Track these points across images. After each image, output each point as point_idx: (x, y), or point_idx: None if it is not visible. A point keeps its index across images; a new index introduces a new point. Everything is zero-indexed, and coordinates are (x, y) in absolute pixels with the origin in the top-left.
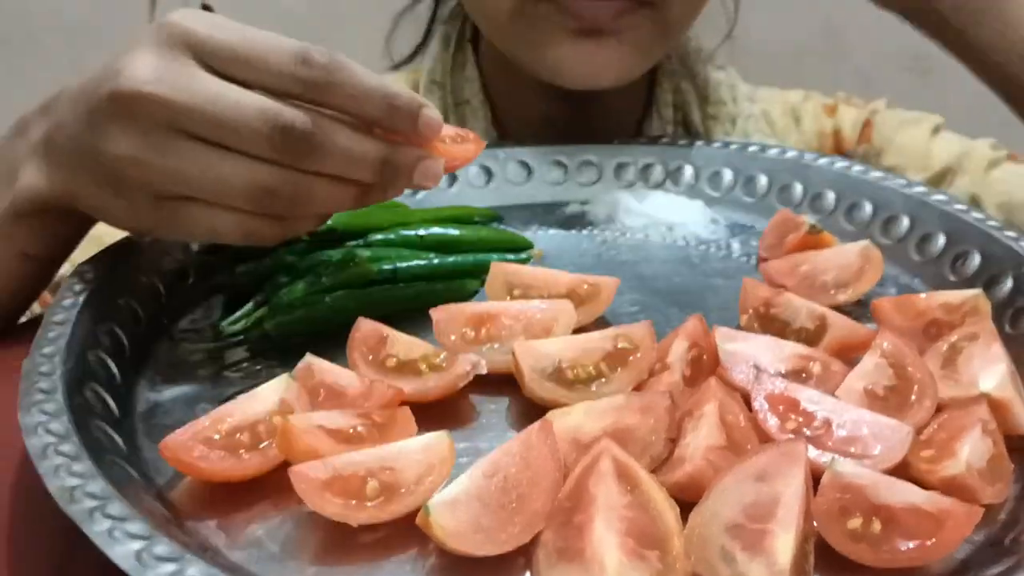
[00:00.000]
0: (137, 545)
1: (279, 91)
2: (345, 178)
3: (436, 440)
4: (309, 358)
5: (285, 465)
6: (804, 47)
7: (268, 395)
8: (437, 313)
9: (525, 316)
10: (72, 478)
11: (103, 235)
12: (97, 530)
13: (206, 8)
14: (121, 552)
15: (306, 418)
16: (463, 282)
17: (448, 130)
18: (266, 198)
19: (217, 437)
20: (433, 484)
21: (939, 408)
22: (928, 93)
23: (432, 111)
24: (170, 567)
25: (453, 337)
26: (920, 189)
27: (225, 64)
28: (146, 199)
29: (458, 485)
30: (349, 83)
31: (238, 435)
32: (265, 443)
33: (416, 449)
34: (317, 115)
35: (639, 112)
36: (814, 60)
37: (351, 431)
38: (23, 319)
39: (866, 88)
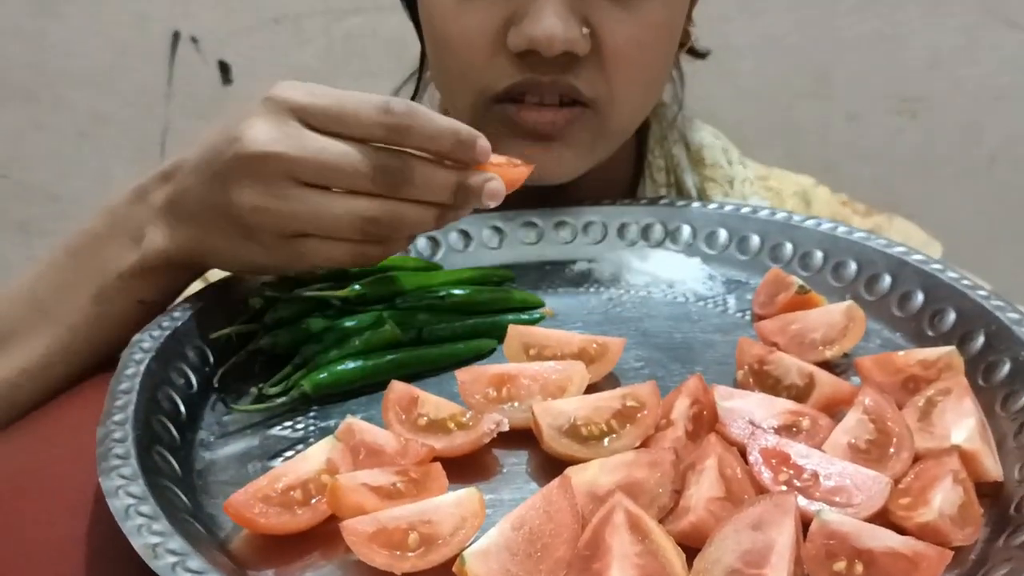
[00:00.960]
0: None
1: (370, 139)
2: (430, 202)
3: (468, 496)
4: (350, 419)
5: (332, 518)
6: (795, 91)
7: (316, 455)
8: (462, 375)
9: (542, 376)
10: (153, 536)
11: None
12: None
13: (223, 67)
14: None
15: (352, 477)
16: (482, 341)
17: (501, 159)
18: (369, 226)
19: (273, 495)
20: (467, 535)
21: (916, 458)
22: (915, 135)
23: (484, 141)
24: None
25: (477, 396)
26: (900, 249)
27: (324, 123)
28: (271, 240)
29: (489, 537)
30: (424, 125)
31: (291, 492)
32: (315, 499)
33: (451, 503)
34: (403, 154)
35: (631, 177)
36: (805, 104)
37: (391, 487)
38: None
39: (856, 130)
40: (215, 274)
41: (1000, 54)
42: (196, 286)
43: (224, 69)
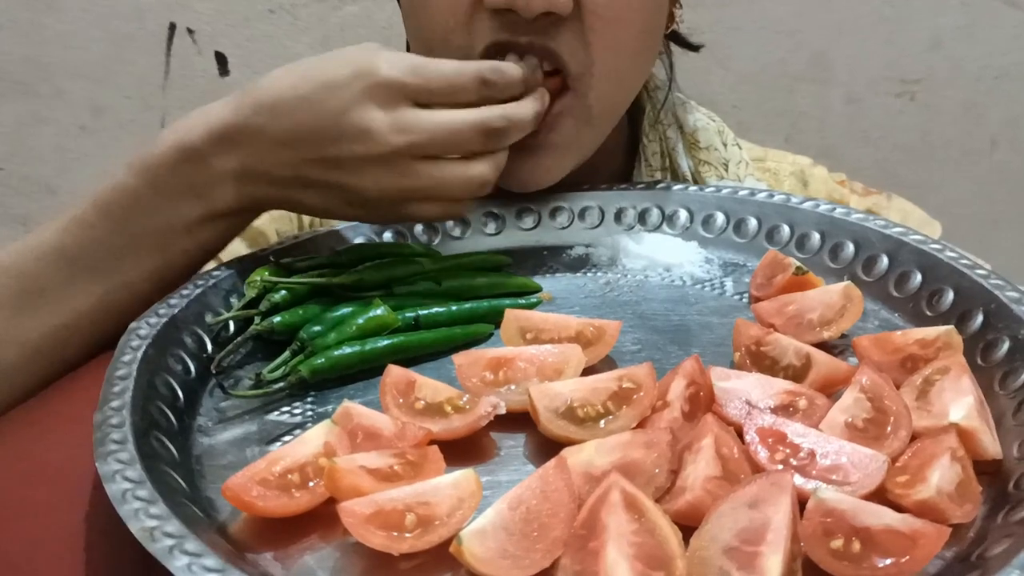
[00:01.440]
0: None
1: (461, 103)
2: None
3: (465, 477)
4: (347, 403)
5: (330, 501)
6: (795, 75)
7: (313, 439)
8: (459, 358)
9: (538, 360)
10: (151, 520)
11: (262, 228)
12: (177, 565)
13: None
14: None
15: (349, 459)
16: (479, 326)
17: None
18: (478, 188)
19: (271, 478)
20: (464, 516)
21: (913, 437)
22: (915, 117)
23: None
24: None
25: (474, 380)
26: (898, 230)
27: (431, 99)
28: (382, 207)
29: (486, 517)
30: (508, 82)
31: (289, 476)
32: (313, 482)
33: (448, 485)
34: (501, 109)
35: (626, 161)
36: (804, 87)
37: (389, 469)
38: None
39: (856, 113)
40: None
41: (1000, 34)
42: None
43: (221, 60)
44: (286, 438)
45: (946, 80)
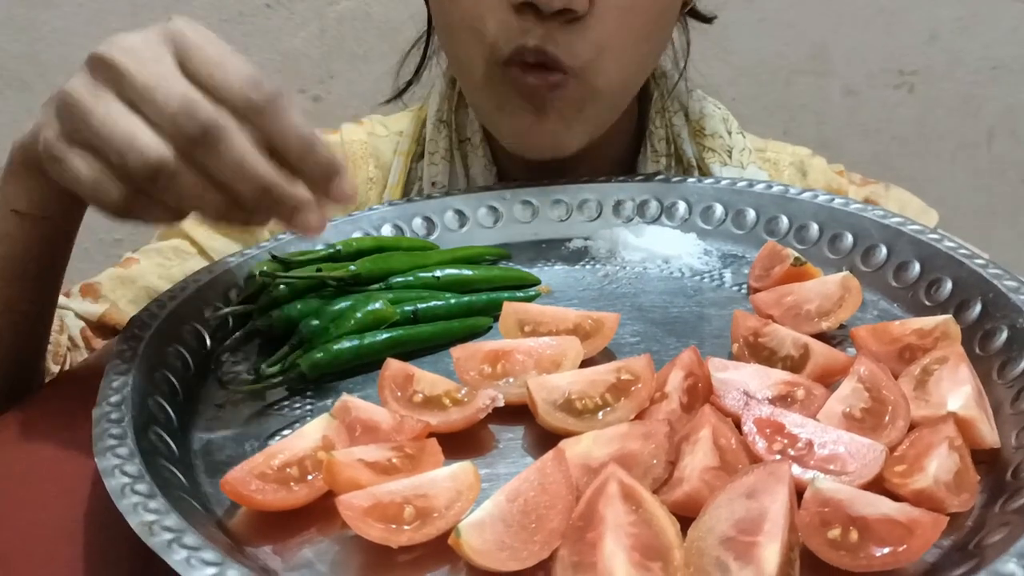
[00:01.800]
0: (212, 571)
1: (221, 99)
2: (221, 186)
3: (463, 470)
4: (345, 397)
5: (328, 494)
6: (794, 66)
7: (312, 432)
8: (457, 351)
9: (536, 352)
10: (149, 514)
11: (136, 277)
12: (176, 559)
13: None
14: None
15: (348, 452)
16: (478, 319)
17: None
18: (132, 156)
19: (270, 472)
20: (462, 509)
21: (911, 427)
22: (913, 109)
23: (348, 185)
24: None
25: (472, 373)
26: (896, 220)
27: (194, 67)
28: (61, 130)
29: (484, 509)
30: (282, 117)
31: (287, 469)
32: (311, 475)
33: (446, 478)
34: (227, 119)
35: (632, 147)
36: (804, 78)
37: (387, 462)
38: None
39: (854, 105)
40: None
41: (999, 26)
42: (195, 264)
43: None
44: (285, 432)
45: (944, 72)
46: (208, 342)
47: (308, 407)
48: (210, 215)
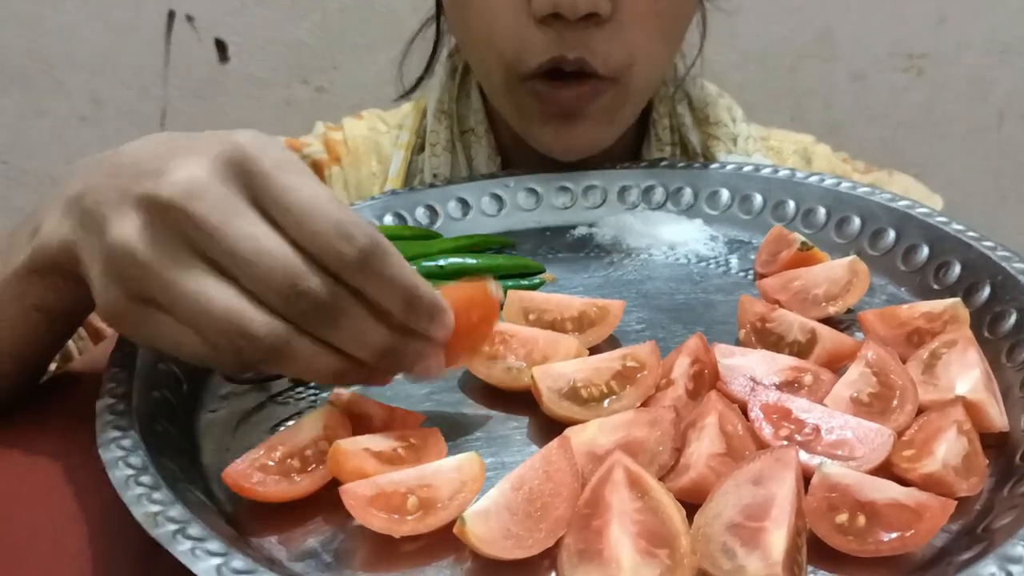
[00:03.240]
0: (217, 561)
1: (312, 254)
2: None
3: (468, 460)
4: (338, 390)
5: (332, 484)
6: (800, 51)
7: (313, 423)
8: None
9: (530, 342)
10: (154, 505)
11: None
12: (181, 549)
13: (220, 45)
14: (204, 567)
15: (353, 442)
16: None
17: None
18: (244, 342)
19: (271, 463)
20: (466, 499)
21: (920, 411)
22: (920, 93)
23: (448, 317)
24: None
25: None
26: (904, 203)
27: (271, 207)
28: (126, 292)
29: (489, 498)
30: (382, 273)
31: (289, 460)
32: (313, 466)
33: (450, 468)
34: (340, 290)
35: (637, 135)
36: (810, 63)
37: (392, 452)
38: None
39: (862, 89)
40: None
41: (1007, 7)
42: None
43: (221, 47)
44: (289, 422)
45: (952, 55)
46: None
47: (312, 397)
48: (326, 380)
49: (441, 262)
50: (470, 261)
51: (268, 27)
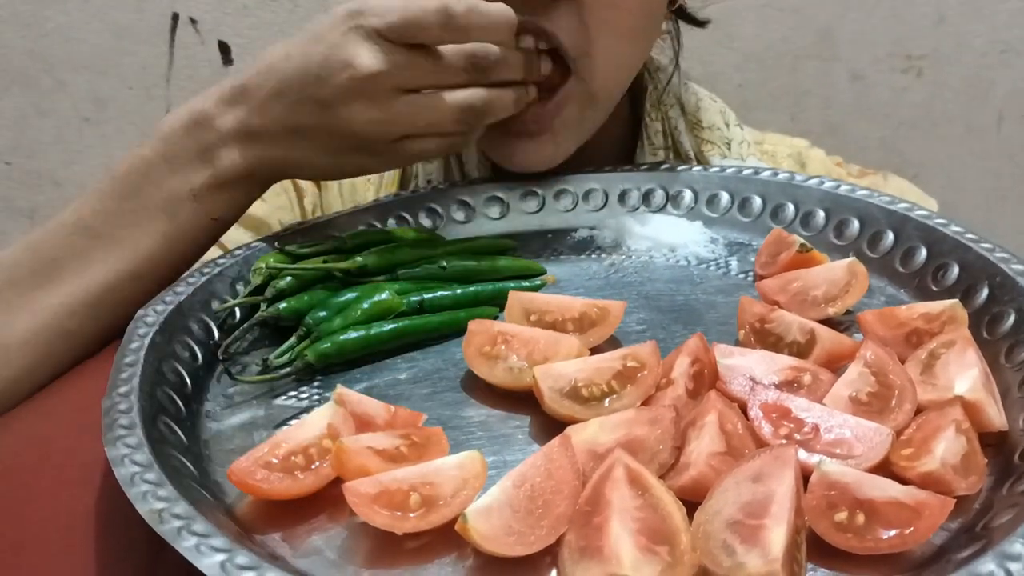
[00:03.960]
0: (221, 557)
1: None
2: (506, 84)
3: (470, 458)
4: (340, 390)
5: (335, 482)
6: (799, 51)
7: (316, 421)
8: (475, 326)
9: (532, 342)
10: (159, 502)
11: (264, 217)
12: (186, 546)
13: (223, 47)
14: (208, 563)
15: (356, 440)
16: (484, 309)
17: None
18: (465, 115)
19: (275, 461)
20: (468, 497)
21: (918, 410)
22: (920, 93)
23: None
24: (251, 575)
25: (472, 348)
26: (903, 206)
27: (400, 36)
28: (379, 147)
29: (491, 495)
30: (479, 20)
31: (293, 458)
32: (317, 463)
33: (452, 465)
34: (483, 45)
35: (629, 141)
36: (809, 64)
37: (395, 450)
38: None
39: (861, 89)
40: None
41: (1007, 7)
42: (212, 253)
43: (224, 49)
44: (293, 421)
45: (952, 55)
46: (216, 334)
47: (316, 396)
48: (510, 110)
49: (444, 264)
50: (472, 263)
51: (271, 28)
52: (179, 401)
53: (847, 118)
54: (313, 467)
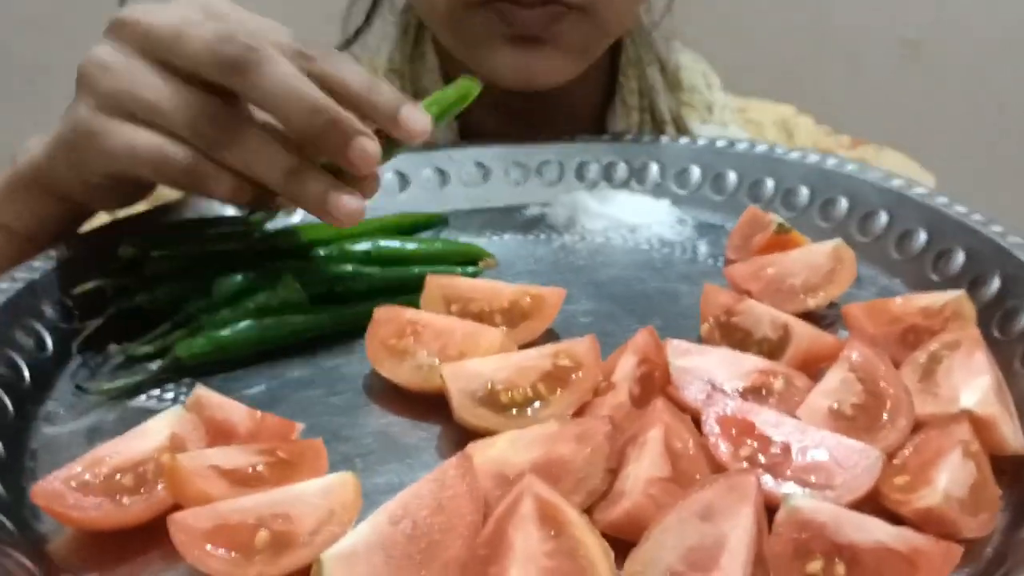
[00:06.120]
0: None
1: (207, 79)
2: (276, 143)
3: (339, 482)
4: (199, 391)
5: (175, 509)
6: (796, 33)
7: (157, 430)
8: (381, 313)
9: (447, 333)
10: None
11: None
12: None
13: None
14: None
15: (198, 456)
16: (409, 298)
17: None
18: (202, 122)
19: (93, 480)
20: (333, 534)
21: (916, 427)
22: (918, 77)
23: (421, 115)
24: None
25: (377, 341)
26: (899, 183)
27: (161, 55)
28: (97, 106)
29: (358, 534)
30: (333, 57)
31: (119, 477)
32: (150, 486)
33: (315, 492)
34: (239, 113)
35: (602, 100)
36: (806, 45)
37: (250, 471)
38: None
39: (857, 72)
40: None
41: None
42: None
43: None
44: (128, 433)
45: (950, 40)
46: (76, 318)
47: (182, 398)
48: (274, 176)
49: (366, 246)
50: (401, 245)
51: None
52: (7, 401)
53: (843, 102)
54: (143, 491)
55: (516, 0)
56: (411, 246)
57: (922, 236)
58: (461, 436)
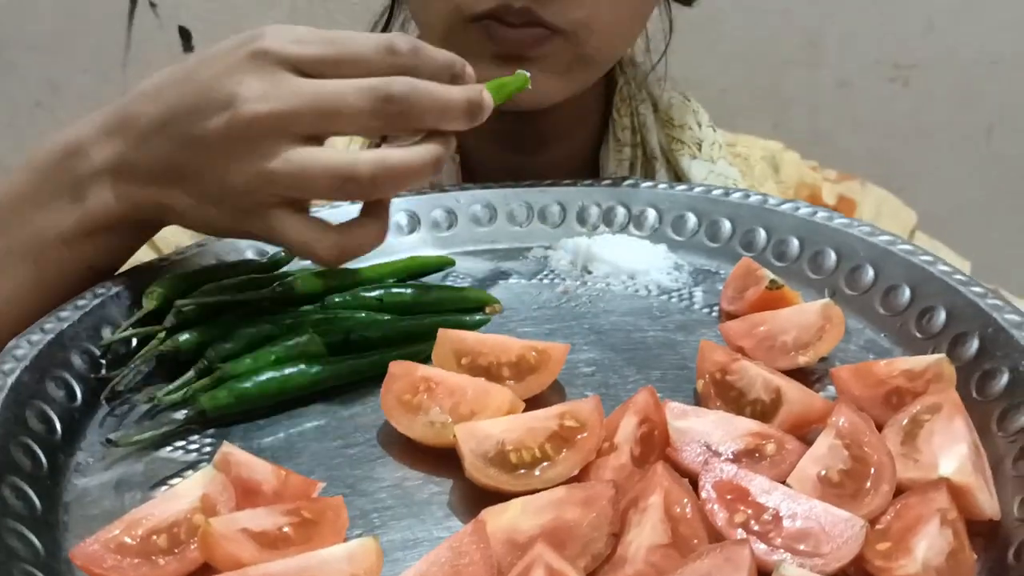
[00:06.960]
0: None
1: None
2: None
3: (362, 547)
4: (226, 448)
5: (207, 567)
6: (787, 57)
7: (188, 491)
8: (396, 368)
9: (459, 393)
10: None
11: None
12: None
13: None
14: None
15: (229, 520)
16: (419, 348)
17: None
18: (351, 185)
19: (131, 542)
20: None
21: (898, 490)
22: (908, 102)
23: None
24: None
25: (390, 397)
26: (885, 238)
27: (321, 71)
28: (250, 206)
29: None
30: (428, 63)
31: (154, 538)
32: (184, 546)
33: (340, 558)
34: (409, 79)
35: (596, 135)
36: (796, 70)
37: (277, 532)
38: None
39: (848, 97)
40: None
41: (996, 17)
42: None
43: (184, 35)
44: (174, 481)
45: (941, 64)
46: (103, 368)
47: (207, 449)
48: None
49: (378, 294)
50: (410, 292)
51: (234, 14)
52: (41, 454)
53: (832, 127)
54: (177, 551)
55: (501, 19)
56: (421, 293)
57: (906, 292)
58: (471, 491)
